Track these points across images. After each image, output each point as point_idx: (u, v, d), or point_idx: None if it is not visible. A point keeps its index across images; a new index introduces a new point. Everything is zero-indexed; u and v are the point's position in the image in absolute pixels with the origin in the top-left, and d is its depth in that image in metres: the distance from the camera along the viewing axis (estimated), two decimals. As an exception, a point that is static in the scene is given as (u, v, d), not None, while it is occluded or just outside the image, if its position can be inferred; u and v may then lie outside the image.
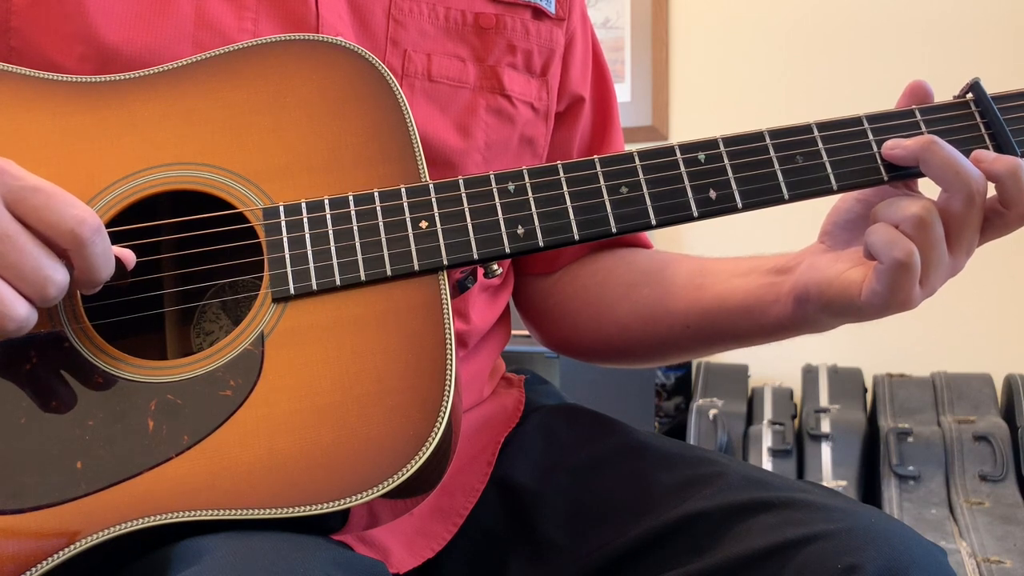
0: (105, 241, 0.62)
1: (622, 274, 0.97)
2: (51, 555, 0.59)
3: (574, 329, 1.00)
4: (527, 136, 0.92)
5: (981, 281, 2.39)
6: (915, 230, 0.71)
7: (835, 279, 0.77)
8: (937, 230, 0.72)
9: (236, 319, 0.77)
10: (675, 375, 2.62)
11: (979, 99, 0.77)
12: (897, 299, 0.73)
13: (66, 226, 0.60)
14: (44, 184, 0.61)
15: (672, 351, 0.96)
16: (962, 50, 2.41)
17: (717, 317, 0.88)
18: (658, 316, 0.92)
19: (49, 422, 0.64)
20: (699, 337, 0.91)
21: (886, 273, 0.71)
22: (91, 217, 0.61)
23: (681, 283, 0.92)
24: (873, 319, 0.77)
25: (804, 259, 0.81)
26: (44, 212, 0.60)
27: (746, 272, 0.87)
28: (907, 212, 0.71)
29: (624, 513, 0.80)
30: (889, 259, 0.71)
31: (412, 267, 0.69)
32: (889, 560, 0.66)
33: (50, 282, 0.61)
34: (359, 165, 0.73)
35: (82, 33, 0.76)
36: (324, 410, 0.64)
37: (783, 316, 0.83)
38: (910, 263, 0.71)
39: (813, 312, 0.80)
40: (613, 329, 0.96)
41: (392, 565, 0.80)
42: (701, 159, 0.75)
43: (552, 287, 1.00)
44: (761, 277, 0.85)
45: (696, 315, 0.90)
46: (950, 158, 0.72)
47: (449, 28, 0.87)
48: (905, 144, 0.74)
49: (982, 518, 2.02)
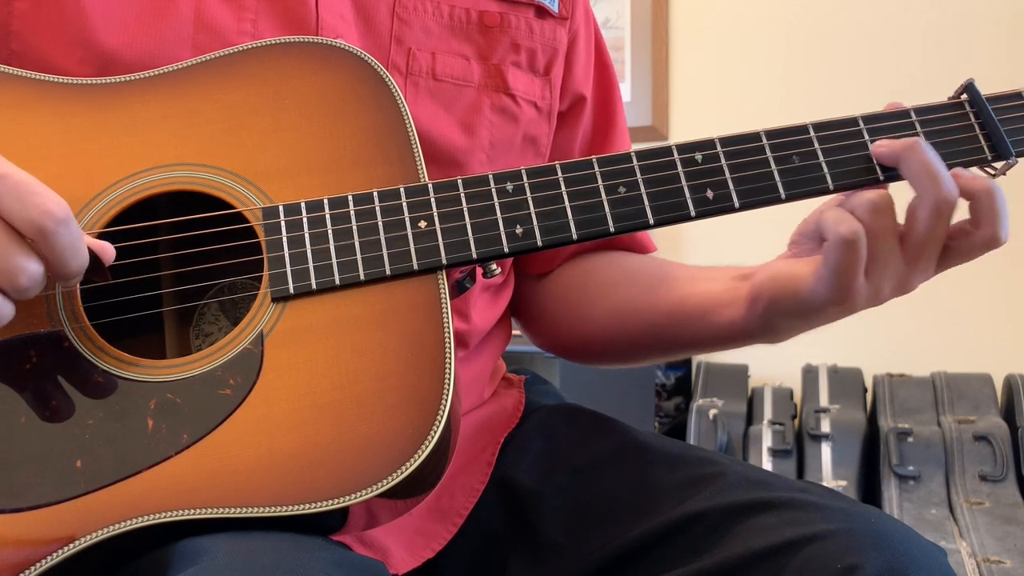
0: (72, 233, 0.60)
1: (602, 275, 0.98)
2: (50, 554, 0.59)
3: (557, 329, 1.01)
4: (530, 135, 0.92)
5: (981, 281, 2.39)
6: (866, 213, 0.71)
7: (784, 273, 0.77)
8: (888, 219, 0.72)
9: (235, 319, 0.77)
10: (675, 375, 2.61)
11: (974, 100, 0.77)
12: (838, 286, 0.72)
13: (28, 215, 0.58)
14: (12, 172, 0.59)
15: (643, 353, 0.97)
16: (958, 52, 2.41)
17: (677, 318, 0.89)
18: (629, 316, 0.93)
19: (49, 421, 0.64)
20: (663, 338, 0.92)
21: (830, 251, 0.72)
22: (57, 208, 0.59)
23: (654, 284, 0.92)
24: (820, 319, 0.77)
25: (767, 266, 0.82)
26: (7, 200, 0.58)
27: (712, 277, 0.88)
28: (862, 197, 0.72)
29: (624, 513, 0.80)
30: (835, 235, 0.71)
31: (411, 266, 0.69)
32: (889, 560, 0.66)
33: (20, 271, 0.59)
34: (358, 166, 0.73)
35: (82, 37, 0.76)
36: (323, 409, 0.64)
37: (736, 318, 0.83)
38: (854, 240, 0.71)
39: (762, 310, 0.80)
40: (591, 328, 0.97)
41: (392, 565, 0.80)
42: (698, 159, 0.75)
43: (543, 288, 1.01)
44: (724, 282, 0.86)
45: (660, 315, 0.90)
46: (929, 163, 0.72)
47: (453, 26, 0.87)
48: (891, 144, 0.75)
49: (982, 518, 2.02)
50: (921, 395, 2.30)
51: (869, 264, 0.72)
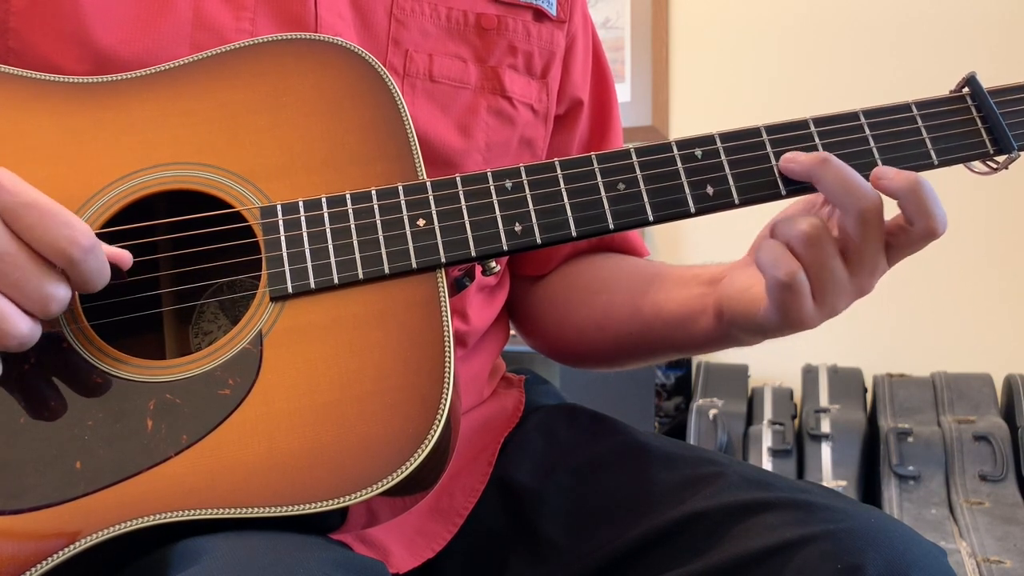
0: (99, 258, 0.62)
1: (586, 280, 0.98)
2: (51, 555, 0.59)
3: (544, 331, 1.01)
4: (527, 138, 0.92)
5: (981, 281, 2.39)
6: (803, 247, 0.70)
7: (742, 294, 0.76)
8: (827, 248, 0.70)
9: (234, 319, 0.76)
10: (675, 375, 2.61)
11: (975, 93, 0.77)
12: (789, 318, 0.72)
13: (58, 247, 0.60)
14: (39, 200, 0.61)
15: (621, 358, 0.96)
16: (959, 48, 2.41)
17: (653, 326, 0.88)
18: (607, 322, 0.93)
19: (48, 422, 0.64)
20: (642, 345, 0.91)
21: (771, 292, 0.71)
22: (83, 237, 0.61)
23: (631, 290, 0.92)
24: (780, 336, 0.76)
25: (729, 272, 0.81)
26: (38, 231, 0.60)
27: (687, 282, 0.87)
28: (796, 229, 0.70)
29: (624, 513, 0.80)
30: (772, 278, 0.70)
31: (410, 265, 0.69)
32: (889, 560, 0.66)
33: (51, 299, 0.61)
34: (356, 164, 0.73)
35: (79, 35, 0.76)
36: (323, 408, 0.64)
37: (708, 329, 0.82)
38: (792, 283, 0.70)
39: (727, 327, 0.80)
40: (571, 334, 0.97)
41: (392, 565, 0.80)
42: (698, 155, 0.75)
43: (535, 290, 1.01)
44: (696, 288, 0.85)
45: (637, 323, 0.90)
46: (842, 176, 0.71)
47: (451, 28, 0.87)
48: (801, 159, 0.73)
49: (982, 518, 2.02)
50: (921, 395, 2.30)
51: (815, 292, 0.71)
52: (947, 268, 2.37)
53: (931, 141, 0.75)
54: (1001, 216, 2.35)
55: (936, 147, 0.75)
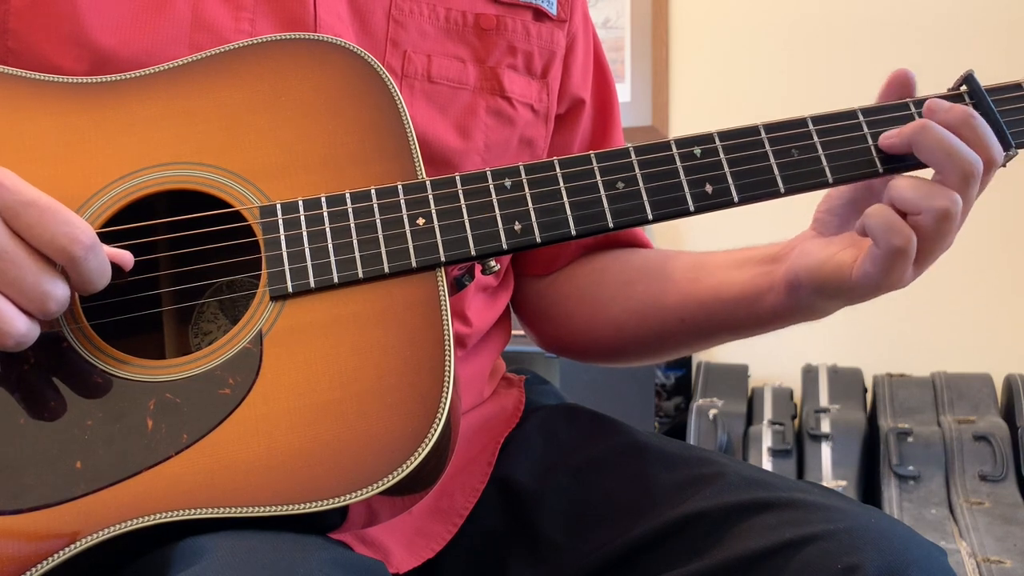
0: (99, 256, 0.62)
1: (617, 272, 0.97)
2: (51, 555, 0.59)
3: (569, 329, 1.00)
4: (527, 138, 0.92)
5: (981, 281, 2.39)
6: (937, 223, 0.71)
7: (827, 261, 0.77)
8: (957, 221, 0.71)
9: (234, 318, 0.76)
10: (675, 375, 2.61)
11: (973, 91, 0.77)
12: (890, 280, 0.73)
13: (58, 244, 0.60)
14: (39, 198, 0.61)
15: (665, 347, 0.97)
16: (957, 47, 2.41)
17: (713, 309, 0.88)
18: (652, 312, 0.93)
19: (48, 422, 0.64)
20: (694, 331, 0.91)
21: (882, 258, 0.71)
22: (84, 235, 0.61)
23: (676, 278, 0.92)
24: (866, 299, 0.77)
25: (796, 246, 0.82)
26: (38, 229, 0.60)
27: (740, 264, 0.87)
28: (934, 204, 0.70)
29: (624, 513, 0.80)
30: (886, 244, 0.71)
31: (410, 264, 0.69)
32: (889, 560, 0.66)
33: (50, 297, 0.61)
34: (356, 163, 0.73)
35: (78, 35, 0.76)
36: (323, 407, 0.64)
37: (777, 304, 0.83)
38: (908, 250, 0.71)
39: (807, 297, 0.80)
40: (608, 327, 0.96)
41: (392, 565, 0.80)
42: (697, 154, 0.75)
43: (548, 288, 1.00)
44: (755, 267, 0.86)
45: (692, 309, 0.90)
46: (943, 139, 0.71)
47: (449, 29, 0.87)
48: (900, 131, 0.74)
49: (982, 518, 2.02)
50: (921, 395, 2.30)
51: (920, 256, 0.72)
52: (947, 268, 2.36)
53: None
54: (1001, 216, 2.35)
55: None
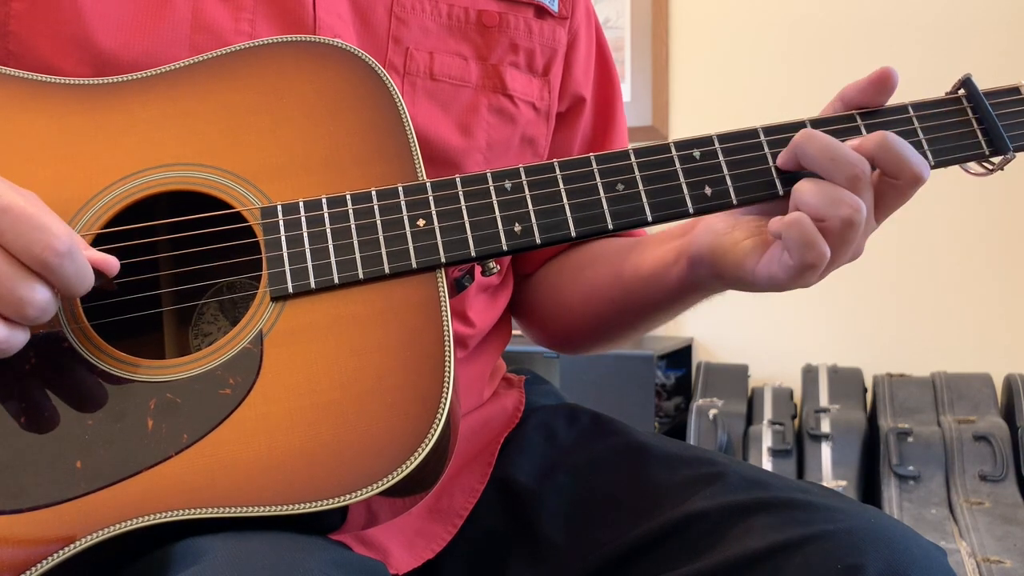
0: (76, 262, 0.60)
1: (576, 259, 0.98)
2: (51, 555, 0.59)
3: (544, 321, 1.01)
4: (528, 136, 0.92)
5: (981, 281, 2.39)
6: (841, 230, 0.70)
7: (730, 249, 0.76)
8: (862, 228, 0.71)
9: (234, 320, 0.77)
10: (675, 375, 2.61)
11: (971, 95, 0.77)
12: (794, 287, 0.73)
13: (32, 251, 0.59)
14: (14, 204, 0.59)
15: (612, 330, 0.96)
16: (956, 50, 2.41)
17: (632, 287, 0.88)
18: (593, 295, 0.93)
19: (48, 422, 0.64)
20: (624, 310, 0.91)
21: (794, 269, 0.71)
22: (58, 241, 0.59)
23: (612, 259, 0.92)
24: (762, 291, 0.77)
25: (703, 219, 0.81)
26: (10, 236, 0.58)
27: (662, 239, 0.87)
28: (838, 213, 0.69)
29: (624, 513, 0.80)
30: (800, 259, 0.70)
31: (410, 265, 0.69)
32: (889, 560, 0.66)
33: (26, 303, 0.59)
34: (356, 164, 0.73)
35: (79, 38, 0.76)
36: (323, 408, 0.64)
37: (683, 277, 0.82)
38: (820, 266, 0.70)
39: (705, 277, 0.80)
40: (563, 313, 0.97)
41: (392, 566, 0.80)
42: (696, 156, 0.75)
43: (532, 283, 1.01)
44: (669, 241, 0.85)
45: (619, 288, 0.90)
46: (826, 146, 0.71)
47: (452, 26, 0.87)
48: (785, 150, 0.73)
49: (982, 518, 2.02)
50: (921, 395, 2.30)
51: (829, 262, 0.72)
52: (947, 268, 2.37)
53: (927, 142, 0.76)
54: (1001, 217, 2.35)
55: (932, 148, 0.76)
